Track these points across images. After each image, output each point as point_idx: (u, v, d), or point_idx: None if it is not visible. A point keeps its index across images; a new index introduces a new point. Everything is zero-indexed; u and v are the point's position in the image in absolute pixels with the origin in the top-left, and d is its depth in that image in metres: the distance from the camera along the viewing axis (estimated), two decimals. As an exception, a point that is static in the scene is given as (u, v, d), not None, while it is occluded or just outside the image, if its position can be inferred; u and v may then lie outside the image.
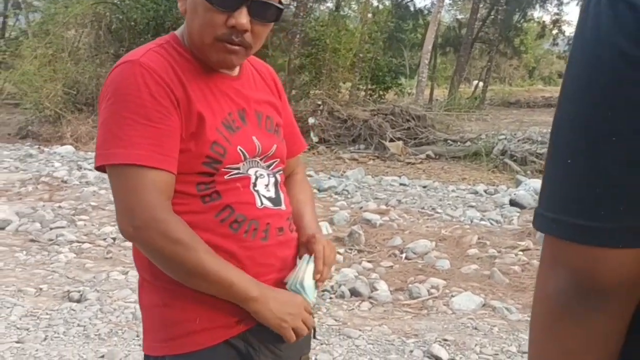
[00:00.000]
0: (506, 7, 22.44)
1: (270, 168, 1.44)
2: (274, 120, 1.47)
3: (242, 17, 1.26)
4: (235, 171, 1.34)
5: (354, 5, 23.31)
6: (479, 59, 29.18)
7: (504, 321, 3.89)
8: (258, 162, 1.41)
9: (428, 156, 12.81)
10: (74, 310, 3.83)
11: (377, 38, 18.41)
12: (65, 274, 4.47)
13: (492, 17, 24.04)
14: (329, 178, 9.07)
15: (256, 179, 1.38)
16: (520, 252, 5.07)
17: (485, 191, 8.87)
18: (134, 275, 4.28)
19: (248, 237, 1.34)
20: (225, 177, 1.33)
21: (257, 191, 1.38)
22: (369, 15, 18.12)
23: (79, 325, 3.64)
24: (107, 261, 4.75)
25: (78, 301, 3.98)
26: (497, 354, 3.45)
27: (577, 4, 25.84)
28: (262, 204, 1.37)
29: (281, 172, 1.48)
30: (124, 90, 1.23)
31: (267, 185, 1.40)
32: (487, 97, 22.45)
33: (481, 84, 24.48)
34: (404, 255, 5.04)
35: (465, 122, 15.45)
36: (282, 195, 1.44)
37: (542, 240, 0.71)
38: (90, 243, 5.17)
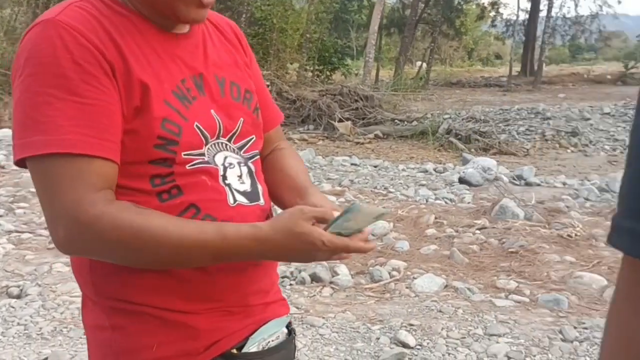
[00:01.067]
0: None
1: (243, 151, 1.14)
2: (241, 87, 1.16)
3: None
4: (199, 159, 1.05)
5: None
6: (421, 40, 29.23)
7: (467, 302, 3.74)
8: (226, 145, 1.11)
9: (376, 136, 12.71)
10: (13, 307, 3.44)
11: (323, 18, 18.12)
12: (2, 267, 4.06)
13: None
14: (280, 159, 8.77)
15: (225, 169, 1.09)
16: (478, 231, 4.95)
17: (434, 170, 8.79)
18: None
19: None
20: (187, 166, 1.04)
21: (228, 185, 1.09)
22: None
23: (19, 324, 3.27)
24: (50, 252, 4.34)
25: (18, 297, 3.60)
26: (464, 337, 3.29)
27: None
28: (235, 200, 1.09)
29: (257, 156, 1.18)
30: (37, 58, 0.93)
31: (240, 177, 1.11)
32: (431, 78, 22.50)
33: (424, 64, 24.55)
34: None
35: (411, 101, 15.41)
36: (259, 188, 1.15)
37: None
38: (30, 233, 4.73)
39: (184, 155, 1.03)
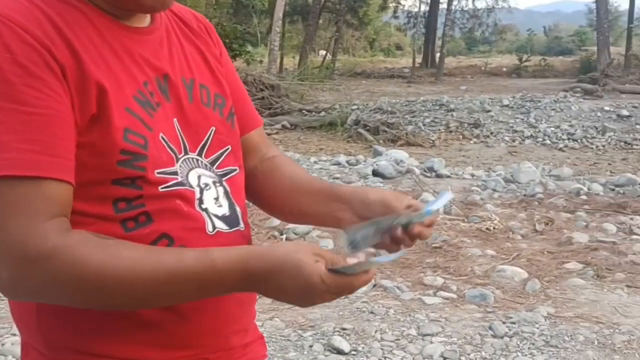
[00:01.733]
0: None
1: (215, 166, 0.98)
2: (210, 90, 1.01)
3: None
4: (173, 179, 0.90)
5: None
6: (324, 29, 29.38)
7: (397, 301, 3.73)
8: (197, 161, 0.95)
9: (284, 126, 12.61)
10: None
11: (223, 3, 17.73)
12: None
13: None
14: (188, 152, 8.46)
15: (201, 191, 0.94)
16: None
17: (347, 162, 8.81)
18: None
19: None
20: (160, 188, 0.88)
21: (205, 210, 0.94)
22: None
23: None
24: None
25: None
26: (399, 339, 3.27)
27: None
28: (214, 227, 0.94)
29: (234, 172, 1.02)
30: None
31: (216, 199, 0.96)
32: (336, 67, 22.67)
33: (327, 53, 24.70)
34: (284, 237, 4.71)
35: (318, 92, 15.43)
36: (238, 210, 1.00)
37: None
38: None
39: (157, 173, 0.88)
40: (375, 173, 7.89)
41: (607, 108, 12.67)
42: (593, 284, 3.98)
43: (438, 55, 24.86)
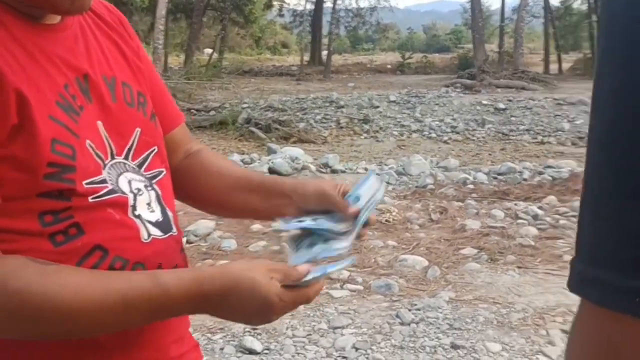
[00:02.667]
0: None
1: (143, 169, 0.94)
2: (133, 88, 0.96)
3: None
4: (104, 188, 0.85)
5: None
6: (209, 27, 28.94)
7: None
8: (125, 165, 0.91)
9: (173, 127, 12.31)
10: None
11: (101, 1, 17.07)
12: None
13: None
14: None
15: (134, 197, 0.90)
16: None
17: (242, 161, 8.74)
18: None
19: None
20: (90, 199, 0.83)
21: (138, 216, 0.90)
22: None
23: None
24: None
25: None
26: (310, 334, 3.29)
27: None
28: (149, 235, 0.90)
29: (161, 174, 0.98)
30: None
31: (149, 204, 0.92)
32: (223, 66, 22.41)
33: (213, 51, 24.35)
34: (184, 239, 4.58)
35: (206, 90, 15.18)
36: (169, 214, 0.96)
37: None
38: None
39: (86, 184, 0.83)
40: (272, 171, 7.90)
41: (485, 102, 13.47)
42: (488, 268, 4.22)
43: (325, 53, 25.30)
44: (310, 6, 25.87)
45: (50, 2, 0.82)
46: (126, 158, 0.91)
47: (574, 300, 2.48)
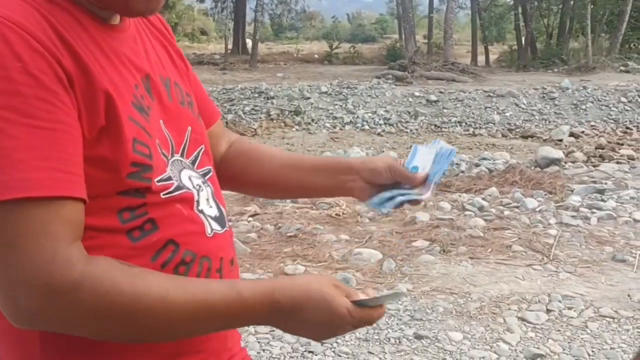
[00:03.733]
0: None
1: (195, 166, 1.00)
2: (182, 88, 1.02)
3: None
4: (172, 183, 0.91)
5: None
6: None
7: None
8: (181, 162, 0.96)
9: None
10: None
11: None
12: None
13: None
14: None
15: (197, 192, 0.96)
16: (251, 218, 5.05)
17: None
18: None
19: None
20: (162, 195, 0.89)
21: (201, 211, 0.95)
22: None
23: None
24: None
25: None
26: (273, 330, 3.36)
27: (220, -39, 26.83)
28: (212, 230, 0.96)
29: (212, 172, 1.04)
30: None
31: (207, 200, 0.98)
32: (140, 54, 21.82)
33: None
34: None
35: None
36: (223, 210, 1.02)
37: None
38: None
39: (157, 182, 0.88)
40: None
41: (417, 94, 13.87)
42: (441, 259, 4.42)
43: (248, 41, 25.17)
44: (232, -8, 25.74)
45: (126, 5, 0.85)
46: (182, 155, 0.97)
47: (526, 288, 2.77)
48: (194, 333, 0.88)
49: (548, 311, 3.64)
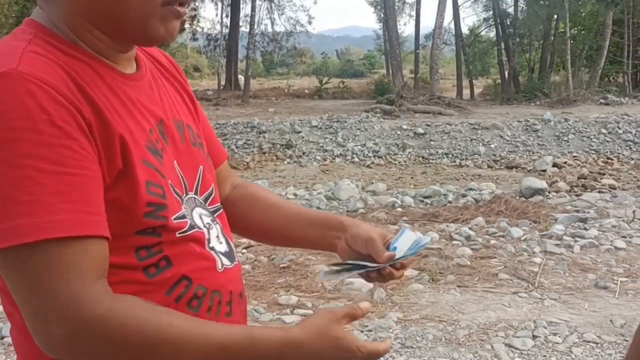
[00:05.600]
0: None
1: (208, 203, 1.05)
2: (194, 130, 1.07)
3: None
4: (187, 222, 0.96)
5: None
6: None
7: (257, 323, 3.82)
8: (195, 200, 1.01)
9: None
10: None
11: (3, 23, 16.48)
12: None
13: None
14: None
15: (208, 231, 1.01)
16: (245, 250, 5.08)
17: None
18: None
19: (212, 317, 0.97)
20: (177, 234, 0.94)
21: (212, 248, 1.00)
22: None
23: None
24: None
25: None
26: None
27: (212, 1, 27.21)
28: (222, 265, 1.01)
29: (221, 209, 1.09)
30: (6, 122, 0.77)
31: (217, 237, 1.03)
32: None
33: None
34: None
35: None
36: (232, 245, 1.08)
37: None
38: None
39: (174, 219, 0.93)
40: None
41: (405, 127, 14.03)
42: (430, 288, 4.47)
43: (240, 77, 25.38)
44: (225, 30, 25.95)
45: (147, 34, 0.91)
46: (196, 193, 1.02)
47: (513, 315, 2.85)
48: None
49: (534, 337, 3.68)
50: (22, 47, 0.83)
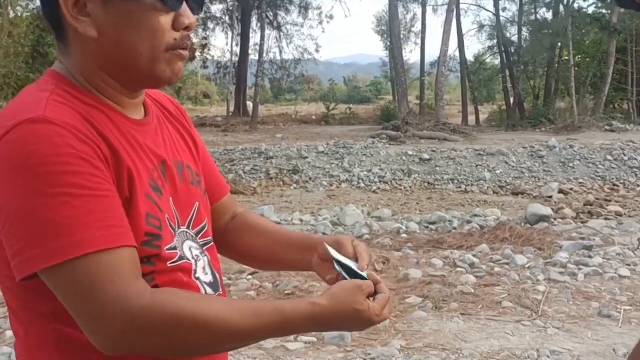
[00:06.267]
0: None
1: (199, 237, 1.14)
2: (193, 170, 1.17)
3: (190, 14, 1.04)
4: (177, 253, 1.05)
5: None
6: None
7: (261, 350, 3.82)
8: (186, 233, 1.11)
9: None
10: None
11: (19, 53, 16.78)
12: None
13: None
14: None
15: (195, 262, 1.10)
16: (250, 276, 5.08)
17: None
18: None
19: None
20: (169, 264, 1.03)
21: (198, 279, 1.09)
22: (6, 24, 16.29)
23: None
24: None
25: None
26: None
27: (222, 31, 27.59)
28: (205, 294, 1.10)
29: (212, 242, 1.19)
30: (40, 158, 0.89)
31: (204, 268, 1.12)
32: (145, 116, 22.17)
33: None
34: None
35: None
36: (217, 276, 1.16)
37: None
38: None
39: (167, 250, 1.03)
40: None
41: (410, 152, 14.06)
42: (433, 315, 4.44)
43: (249, 104, 25.59)
44: (235, 58, 26.26)
45: (155, 77, 1.02)
46: (188, 227, 1.11)
47: (516, 344, 2.83)
48: (243, 343, 1.02)
49: (537, 366, 3.65)
50: (47, 97, 0.96)
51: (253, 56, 26.20)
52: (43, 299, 0.95)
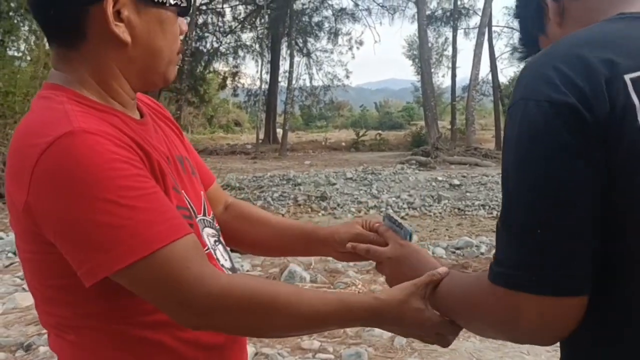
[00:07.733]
0: (190, 58, 23.28)
1: (215, 222, 1.25)
2: (190, 161, 1.27)
3: (183, 20, 1.14)
4: (204, 243, 1.15)
5: (22, 45, 21.50)
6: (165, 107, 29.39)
7: (279, 367, 4.02)
8: (205, 221, 1.20)
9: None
10: None
11: (43, 77, 17.39)
12: None
13: (179, 66, 24.65)
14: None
15: (214, 250, 1.19)
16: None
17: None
18: None
19: None
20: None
21: (222, 266, 1.18)
22: (42, 55, 16.95)
23: None
24: None
25: None
26: None
27: (252, 58, 28.26)
28: None
29: (219, 228, 1.29)
30: (88, 169, 0.92)
31: (222, 255, 1.21)
32: (176, 145, 22.69)
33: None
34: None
35: (163, 170, 15.45)
36: (233, 261, 1.26)
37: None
38: None
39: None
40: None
41: (440, 178, 14.16)
42: (450, 334, 4.58)
43: (279, 131, 26.07)
44: (265, 86, 26.86)
45: (167, 78, 1.12)
46: (204, 215, 1.20)
47: None
48: (309, 331, 1.12)
49: (550, 384, 3.77)
50: (68, 109, 0.98)
51: (283, 83, 26.73)
52: (99, 298, 1.00)
